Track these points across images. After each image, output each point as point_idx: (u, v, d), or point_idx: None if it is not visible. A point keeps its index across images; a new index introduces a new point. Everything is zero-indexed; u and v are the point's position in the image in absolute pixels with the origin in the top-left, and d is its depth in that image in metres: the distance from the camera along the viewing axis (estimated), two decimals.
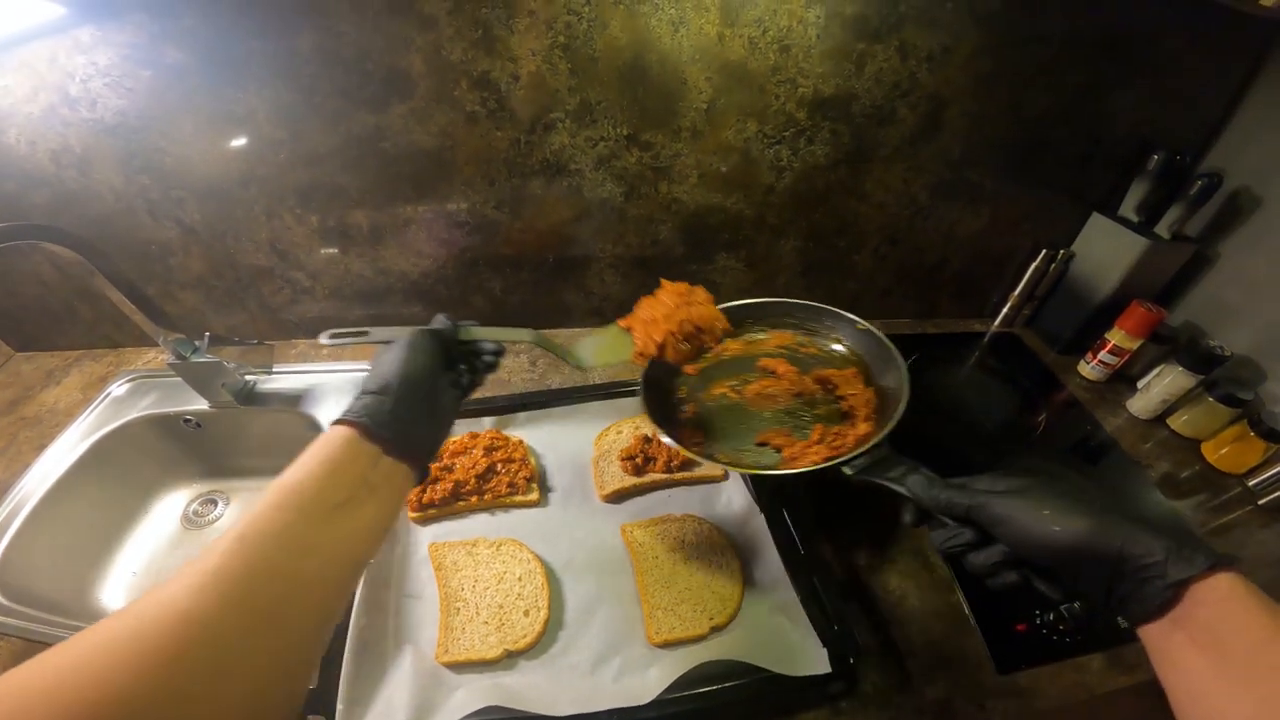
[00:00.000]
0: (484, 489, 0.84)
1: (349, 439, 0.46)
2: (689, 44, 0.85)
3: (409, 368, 0.52)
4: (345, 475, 0.44)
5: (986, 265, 1.20)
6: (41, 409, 1.05)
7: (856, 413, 0.80)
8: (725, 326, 0.75)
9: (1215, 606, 0.37)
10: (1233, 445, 0.94)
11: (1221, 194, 0.97)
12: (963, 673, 0.70)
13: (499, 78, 0.86)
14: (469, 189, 0.98)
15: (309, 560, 0.39)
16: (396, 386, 0.50)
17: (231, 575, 0.35)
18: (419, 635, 0.70)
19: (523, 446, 0.89)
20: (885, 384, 0.81)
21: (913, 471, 0.57)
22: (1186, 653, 0.38)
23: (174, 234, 0.99)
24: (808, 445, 0.77)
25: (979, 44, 0.89)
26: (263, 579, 0.36)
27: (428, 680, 0.65)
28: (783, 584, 0.73)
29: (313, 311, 1.14)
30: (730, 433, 0.81)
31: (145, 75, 0.82)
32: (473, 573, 0.75)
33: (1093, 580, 0.42)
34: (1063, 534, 0.43)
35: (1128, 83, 0.96)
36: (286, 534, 0.39)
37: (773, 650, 0.66)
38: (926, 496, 0.53)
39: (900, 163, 1.01)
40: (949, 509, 0.51)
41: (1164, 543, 0.39)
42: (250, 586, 0.36)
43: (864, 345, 0.88)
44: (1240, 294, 1.02)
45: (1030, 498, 0.46)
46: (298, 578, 0.39)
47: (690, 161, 0.98)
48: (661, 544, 0.79)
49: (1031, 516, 0.45)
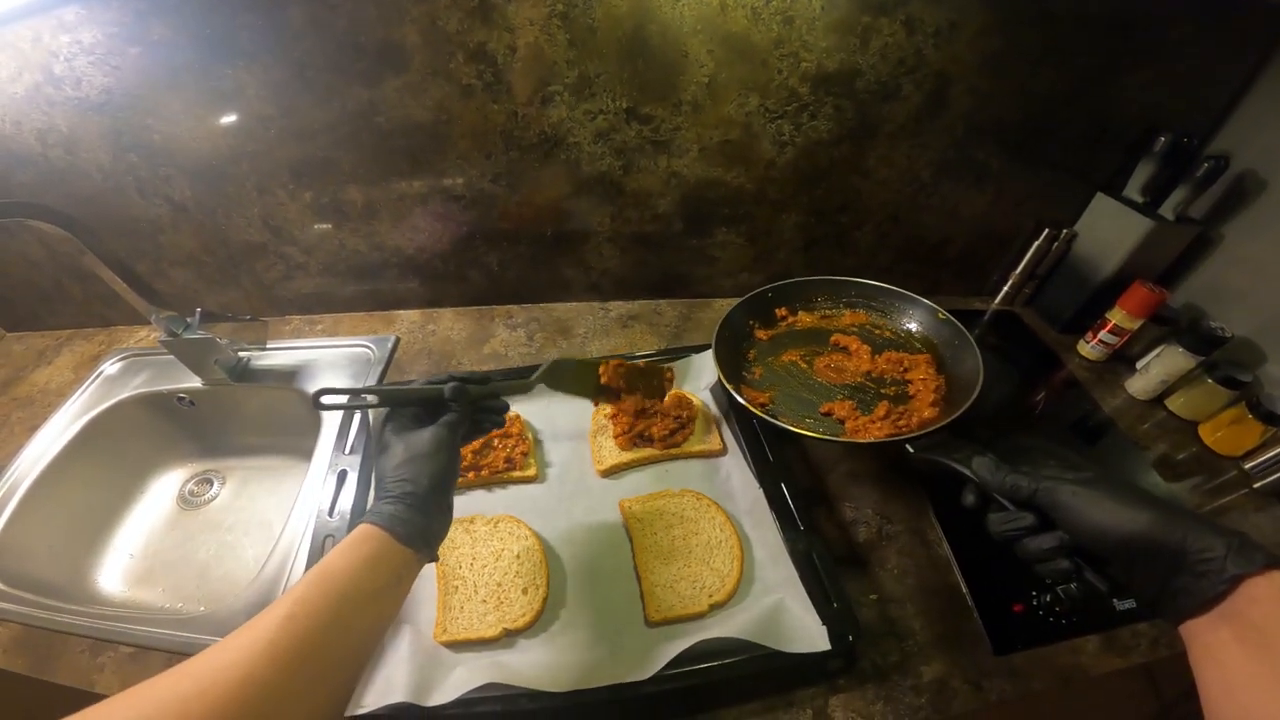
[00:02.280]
0: (480, 464, 0.83)
1: (385, 540, 0.51)
2: (690, 14, 0.83)
3: (441, 473, 0.57)
4: (381, 570, 0.50)
5: (989, 244, 1.19)
6: (33, 389, 1.04)
7: (923, 397, 0.85)
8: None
9: (1269, 604, 0.38)
10: (1230, 427, 0.94)
11: (1227, 177, 0.96)
12: (960, 653, 0.70)
13: (496, 49, 0.84)
14: (465, 163, 0.96)
15: (348, 638, 0.46)
16: (428, 486, 0.55)
17: (285, 650, 0.41)
18: (417, 614, 0.70)
19: (519, 421, 0.88)
20: (957, 373, 0.86)
21: (977, 454, 0.58)
22: (1230, 648, 0.39)
23: (164, 211, 0.97)
24: (871, 420, 0.82)
25: (987, 21, 0.87)
26: (310, 653, 0.42)
27: (426, 659, 0.65)
28: (782, 560, 0.73)
29: (307, 287, 1.13)
30: (795, 399, 0.89)
31: (132, 52, 0.81)
32: (470, 550, 0.75)
33: (1148, 572, 0.44)
34: (1129, 523, 0.44)
35: (1136, 65, 0.94)
36: (331, 616, 0.45)
37: (772, 628, 0.66)
38: (992, 480, 0.54)
39: (904, 140, 0.99)
40: (1013, 492, 0.52)
41: (1225, 539, 0.41)
42: (300, 660, 0.42)
43: (941, 334, 0.94)
44: (1243, 276, 1.01)
45: (1097, 488, 0.48)
46: (338, 652, 0.45)
47: (690, 135, 0.96)
48: (660, 520, 0.79)
49: (1097, 505, 0.47)
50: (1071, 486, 0.48)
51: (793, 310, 1.03)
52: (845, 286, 1.02)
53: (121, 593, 0.93)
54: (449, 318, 1.19)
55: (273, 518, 1.02)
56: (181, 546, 0.99)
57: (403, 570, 0.52)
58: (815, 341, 0.98)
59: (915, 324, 0.99)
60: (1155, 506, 0.44)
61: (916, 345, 0.96)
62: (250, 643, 0.41)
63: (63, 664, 0.70)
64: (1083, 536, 0.47)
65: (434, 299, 1.19)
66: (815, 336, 0.99)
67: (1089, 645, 0.71)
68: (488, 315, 1.19)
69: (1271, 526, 0.85)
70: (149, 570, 0.96)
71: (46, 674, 0.70)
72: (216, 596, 0.92)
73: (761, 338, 0.99)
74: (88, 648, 0.71)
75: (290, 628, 0.42)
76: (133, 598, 0.92)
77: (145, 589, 0.94)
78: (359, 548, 0.50)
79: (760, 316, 1.01)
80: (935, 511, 0.83)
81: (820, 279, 1.02)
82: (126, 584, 0.94)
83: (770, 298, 1.01)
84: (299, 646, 0.42)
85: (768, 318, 1.02)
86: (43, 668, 0.70)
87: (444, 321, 1.18)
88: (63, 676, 0.69)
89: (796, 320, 1.02)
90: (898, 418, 0.83)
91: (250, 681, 0.38)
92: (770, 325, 1.02)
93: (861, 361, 0.94)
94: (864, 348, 0.96)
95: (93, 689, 0.68)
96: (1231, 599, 0.39)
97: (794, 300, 1.04)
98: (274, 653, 0.40)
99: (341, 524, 0.77)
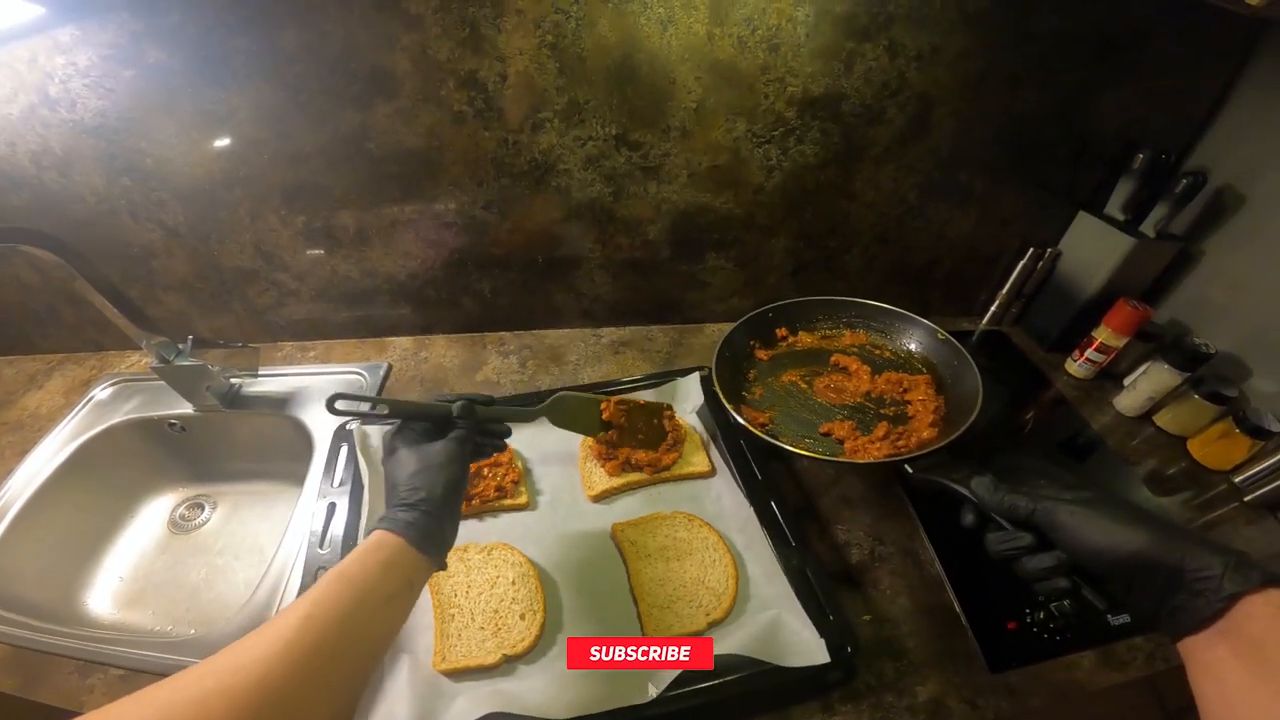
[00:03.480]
0: (471, 493, 0.83)
1: (399, 546, 0.52)
2: (678, 43, 0.85)
3: (453, 475, 0.59)
4: (396, 574, 0.51)
5: (975, 264, 1.20)
6: (24, 414, 1.04)
7: (922, 418, 0.85)
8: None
9: (1266, 621, 0.38)
10: (1218, 442, 0.95)
11: (1206, 192, 0.98)
12: (955, 671, 0.70)
13: (486, 77, 0.86)
14: (456, 189, 0.97)
15: (362, 642, 0.47)
16: (441, 496, 0.57)
17: (301, 651, 0.42)
18: (414, 643, 0.69)
19: (508, 449, 0.88)
20: (957, 394, 0.87)
21: (975, 474, 0.58)
22: (1229, 665, 0.39)
23: (157, 236, 0.98)
24: (870, 440, 0.83)
25: (967, 44, 0.89)
26: (325, 656, 0.43)
27: (427, 690, 0.64)
28: (776, 577, 0.73)
29: (299, 314, 1.13)
30: (795, 419, 0.89)
31: (126, 75, 0.81)
32: (465, 578, 0.74)
33: (1146, 590, 0.44)
34: (1126, 543, 0.45)
35: (1116, 82, 0.96)
36: (347, 620, 0.46)
37: (771, 643, 0.66)
38: (991, 500, 0.55)
39: (890, 162, 1.01)
40: (1011, 512, 0.53)
41: (1222, 558, 0.41)
42: (316, 661, 0.42)
43: (940, 354, 0.94)
44: (1225, 291, 1.03)
45: (1095, 507, 0.48)
46: (352, 655, 0.46)
47: (679, 161, 0.97)
48: (653, 542, 0.79)
49: (1095, 525, 0.47)
50: (1069, 506, 0.49)
51: (793, 330, 1.04)
52: (846, 307, 1.04)
53: (111, 615, 0.92)
54: (441, 345, 1.19)
55: (265, 542, 1.01)
56: (172, 570, 0.98)
57: (414, 576, 0.53)
58: (815, 362, 0.99)
59: (915, 344, 1.00)
60: (1153, 526, 0.45)
61: (916, 366, 0.97)
62: (269, 642, 0.42)
63: (51, 685, 0.70)
64: (1081, 556, 0.48)
65: (426, 326, 1.19)
66: (815, 357, 1.00)
67: (1085, 661, 0.71)
68: (480, 342, 1.19)
69: (1264, 539, 0.86)
70: (139, 593, 0.95)
71: (35, 695, 0.69)
72: (207, 619, 0.91)
73: (762, 358, 1.00)
74: (77, 669, 0.71)
75: (308, 628, 0.43)
76: (123, 620, 0.92)
77: (135, 612, 0.93)
78: (375, 553, 0.51)
79: (761, 336, 1.03)
80: (927, 532, 0.83)
81: (821, 299, 1.04)
82: (116, 606, 0.93)
83: (771, 318, 1.03)
84: (316, 647, 0.43)
85: (768, 338, 1.03)
86: (32, 688, 0.69)
87: (436, 348, 1.18)
88: (52, 698, 0.69)
89: (797, 340, 1.03)
90: (896, 438, 0.83)
91: (268, 680, 0.39)
92: (771, 345, 1.03)
93: (861, 382, 0.95)
94: (864, 368, 0.96)
95: (82, 709, 0.67)
96: (1229, 616, 0.39)
97: (795, 320, 1.05)
98: (289, 654, 0.41)
99: (333, 554, 0.77)
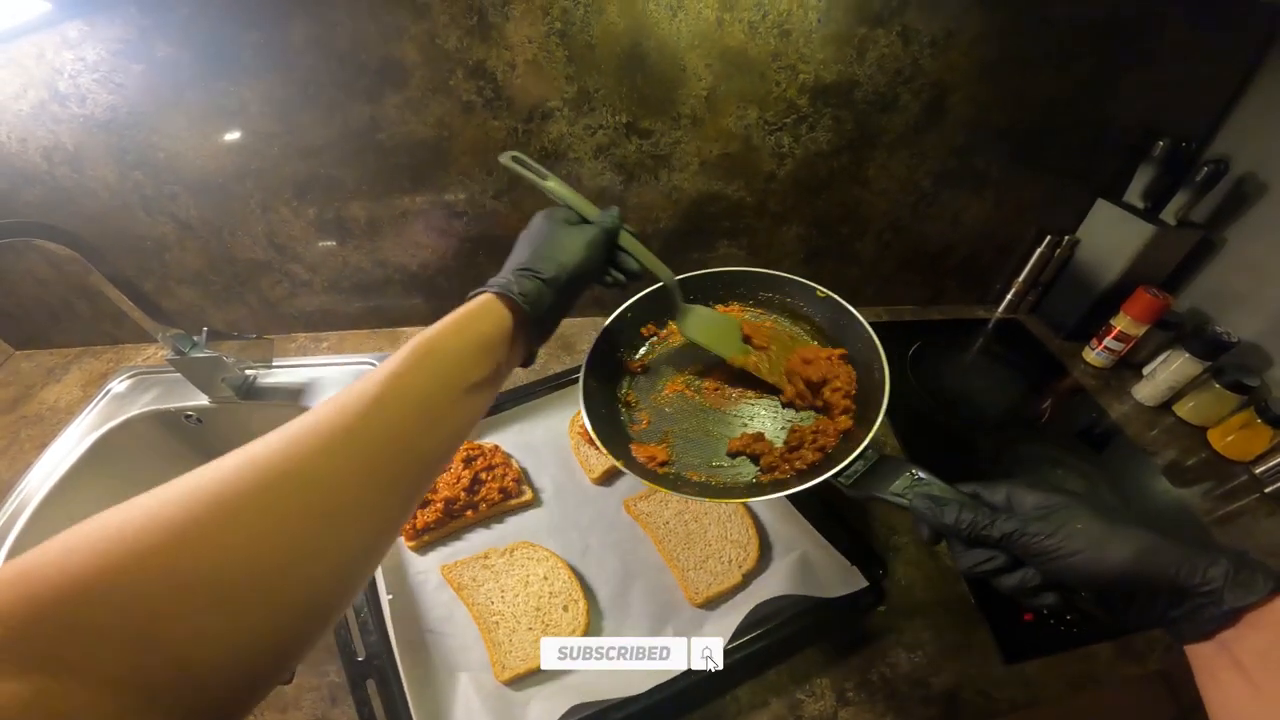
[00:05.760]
0: (475, 501, 0.80)
1: (504, 319, 0.45)
2: (687, 29, 0.84)
3: (586, 264, 0.52)
4: (491, 356, 0.44)
5: (991, 252, 1.19)
6: (42, 407, 1.05)
7: (834, 401, 0.66)
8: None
9: (1270, 631, 0.37)
10: (1239, 432, 0.93)
11: (1228, 180, 0.96)
12: (969, 663, 0.69)
13: (495, 66, 0.85)
14: (467, 179, 0.97)
15: (433, 436, 0.40)
16: (566, 280, 0.50)
17: (364, 441, 0.36)
18: (468, 659, 0.68)
19: (500, 451, 0.87)
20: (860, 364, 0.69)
21: (917, 484, 0.51)
22: (1232, 673, 0.37)
23: (170, 229, 0.98)
24: (788, 450, 0.64)
25: (983, 29, 0.87)
26: (390, 452, 0.37)
27: (497, 703, 0.63)
28: (793, 517, 0.75)
29: (312, 305, 1.13)
30: (696, 442, 0.68)
31: (136, 70, 0.82)
32: (495, 584, 0.74)
33: (1146, 605, 0.41)
34: (1112, 567, 0.40)
35: (1134, 69, 0.94)
36: (422, 406, 0.39)
37: (809, 578, 0.68)
38: (945, 520, 0.46)
39: (903, 150, 1.00)
40: (971, 532, 0.45)
41: (1221, 567, 0.38)
42: (377, 457, 0.36)
43: (823, 314, 0.76)
44: (1247, 280, 1.01)
45: (1068, 526, 0.41)
46: (418, 451, 0.39)
47: (690, 149, 0.96)
48: (668, 509, 0.80)
49: (1073, 551, 0.41)
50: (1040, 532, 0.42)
51: (660, 323, 0.80)
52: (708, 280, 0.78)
53: None
54: None
55: None
56: None
57: (507, 360, 0.47)
58: (695, 358, 0.75)
59: (795, 308, 0.78)
60: (1135, 540, 0.40)
61: (804, 336, 0.76)
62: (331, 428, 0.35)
63: None
64: (1067, 582, 0.42)
65: (438, 315, 1.17)
66: (693, 351, 0.74)
67: (1102, 653, 0.71)
68: None
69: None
70: None
71: None
72: None
73: (635, 368, 0.75)
74: None
75: (376, 414, 0.37)
76: None
77: None
78: (476, 321, 0.46)
79: (627, 343, 0.78)
80: None
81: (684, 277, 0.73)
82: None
83: (630, 318, 0.77)
84: (377, 444, 0.36)
85: (634, 341, 0.79)
86: None
87: None
88: None
89: (669, 334, 0.79)
90: (813, 438, 0.63)
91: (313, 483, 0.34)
92: (639, 350, 0.79)
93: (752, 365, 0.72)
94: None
95: None
96: (1234, 627, 0.38)
97: (660, 314, 0.79)
98: (350, 443, 0.35)
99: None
